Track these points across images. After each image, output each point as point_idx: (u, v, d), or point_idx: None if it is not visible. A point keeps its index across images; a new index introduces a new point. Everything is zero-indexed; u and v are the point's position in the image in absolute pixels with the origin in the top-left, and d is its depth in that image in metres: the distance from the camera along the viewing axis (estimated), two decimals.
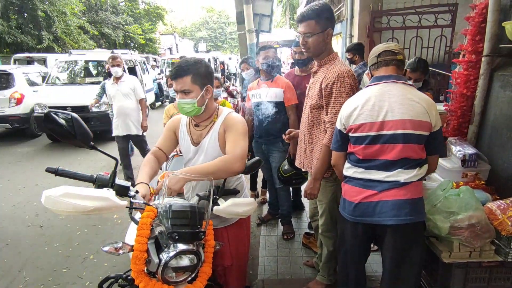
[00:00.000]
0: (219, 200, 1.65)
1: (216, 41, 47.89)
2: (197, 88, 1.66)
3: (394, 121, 1.54)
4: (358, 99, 1.66)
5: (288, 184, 2.89)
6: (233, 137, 1.70)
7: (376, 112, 1.58)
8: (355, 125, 1.63)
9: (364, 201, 1.63)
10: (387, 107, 1.56)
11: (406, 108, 1.54)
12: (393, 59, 1.67)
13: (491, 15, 2.08)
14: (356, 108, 1.63)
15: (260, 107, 3.05)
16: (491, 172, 2.15)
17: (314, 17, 1.88)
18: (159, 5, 26.66)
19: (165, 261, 1.31)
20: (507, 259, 1.72)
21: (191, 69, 1.63)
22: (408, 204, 1.54)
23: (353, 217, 1.68)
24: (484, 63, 2.17)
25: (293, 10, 23.36)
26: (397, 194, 1.56)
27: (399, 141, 1.55)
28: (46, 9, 14.12)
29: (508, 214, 1.69)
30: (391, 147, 1.57)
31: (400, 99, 1.56)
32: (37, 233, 3.57)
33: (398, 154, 1.56)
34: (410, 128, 1.54)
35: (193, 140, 1.81)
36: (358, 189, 1.67)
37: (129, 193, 1.49)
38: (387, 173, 1.58)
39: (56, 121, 1.34)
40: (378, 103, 1.58)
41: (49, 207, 1.26)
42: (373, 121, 1.58)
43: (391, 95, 1.58)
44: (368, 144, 1.61)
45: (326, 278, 2.37)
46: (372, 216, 1.61)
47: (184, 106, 1.67)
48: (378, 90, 1.62)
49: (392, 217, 1.55)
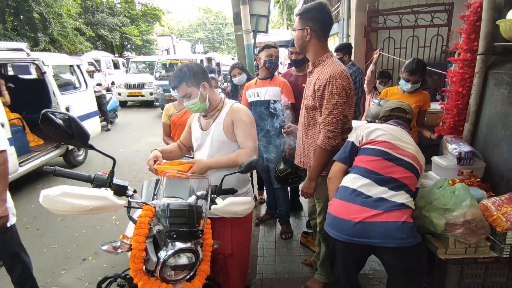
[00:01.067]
0: (216, 199, 1.66)
1: (213, 42, 47.88)
2: (194, 90, 1.87)
3: (411, 153, 1.73)
4: (381, 125, 1.88)
5: (284, 183, 2.89)
6: (242, 130, 1.92)
7: (398, 140, 1.76)
8: (377, 140, 1.75)
9: (366, 221, 1.55)
10: (406, 141, 1.77)
11: (417, 150, 1.78)
12: (403, 117, 1.98)
13: (486, 13, 2.09)
14: (380, 129, 1.81)
15: (257, 106, 3.06)
16: (486, 170, 2.17)
17: (298, 14, 2.01)
18: (156, 6, 26.61)
19: (163, 259, 1.32)
20: (502, 254, 1.73)
21: (182, 76, 1.85)
22: (408, 226, 1.54)
23: (351, 238, 1.58)
24: (479, 61, 2.18)
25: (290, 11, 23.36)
26: (399, 216, 1.55)
27: (410, 170, 1.69)
28: (42, 11, 14.05)
29: (503, 211, 1.71)
30: (403, 171, 1.68)
31: (413, 143, 1.81)
32: (35, 235, 3.56)
33: (406, 178, 1.67)
34: (417, 165, 1.73)
35: (202, 127, 2.03)
36: (359, 207, 1.59)
37: (127, 193, 1.51)
38: (393, 192, 1.61)
39: (53, 121, 1.35)
40: (399, 136, 1.79)
41: (47, 206, 1.27)
42: (395, 144, 1.73)
43: (406, 136, 1.82)
44: (386, 159, 1.70)
45: (324, 276, 2.38)
46: (373, 238, 1.54)
47: (191, 107, 1.92)
48: (398, 128, 1.86)
49: (394, 239, 1.52)
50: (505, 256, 1.74)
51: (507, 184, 2.01)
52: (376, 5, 4.94)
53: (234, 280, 2.07)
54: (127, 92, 12.54)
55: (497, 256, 1.77)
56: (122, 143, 7.40)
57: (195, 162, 1.83)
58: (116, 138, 7.85)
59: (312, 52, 2.03)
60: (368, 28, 4.97)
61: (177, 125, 3.08)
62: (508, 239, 1.71)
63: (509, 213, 1.69)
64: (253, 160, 1.71)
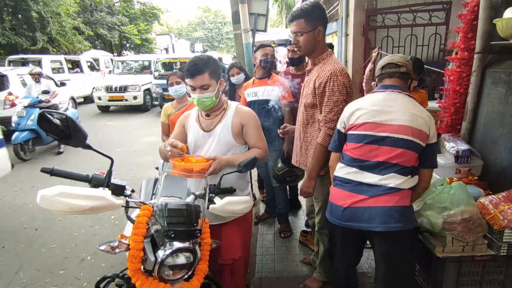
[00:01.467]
0: (215, 199, 1.66)
1: (212, 41, 47.85)
2: (214, 83, 1.79)
3: (398, 125, 1.57)
4: (362, 101, 1.70)
5: (282, 182, 2.90)
6: (254, 132, 1.90)
7: (381, 114, 1.61)
8: (356, 123, 1.65)
9: (353, 206, 1.62)
10: (392, 112, 1.60)
11: (409, 116, 1.58)
12: (396, 72, 1.70)
13: (483, 12, 2.10)
14: (359, 109, 1.66)
15: (256, 105, 3.06)
16: (483, 168, 2.17)
17: (303, 16, 1.90)
18: (154, 5, 26.59)
19: (161, 259, 1.32)
20: (499, 252, 1.74)
21: (207, 65, 1.75)
22: (397, 211, 1.54)
23: (341, 222, 1.67)
24: (476, 60, 2.19)
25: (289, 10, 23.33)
26: (387, 200, 1.55)
27: (399, 146, 1.57)
28: (40, 10, 14.04)
29: (500, 209, 1.72)
30: (389, 150, 1.58)
31: (404, 108, 1.60)
32: (34, 235, 3.56)
33: (394, 157, 1.57)
34: (411, 135, 1.56)
35: (202, 128, 1.91)
36: (348, 193, 1.65)
37: (125, 192, 1.51)
38: (381, 176, 1.58)
39: (51, 121, 1.35)
40: (383, 107, 1.62)
41: (45, 207, 1.27)
42: (376, 122, 1.60)
43: (396, 103, 1.62)
44: (367, 143, 1.62)
45: (323, 275, 2.39)
46: (361, 222, 1.60)
47: (204, 101, 1.79)
48: (384, 96, 1.66)
49: (381, 224, 1.54)
50: (502, 254, 1.75)
51: (504, 182, 2.01)
52: (375, 4, 4.94)
53: (238, 281, 2.08)
54: (107, 96, 10.82)
55: (494, 254, 1.78)
56: (121, 143, 7.40)
57: (215, 158, 1.75)
58: (114, 138, 7.84)
59: (318, 51, 2.00)
60: (366, 26, 4.98)
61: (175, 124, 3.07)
62: (505, 237, 1.72)
63: (506, 211, 1.70)
64: (252, 160, 1.71)
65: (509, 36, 1.87)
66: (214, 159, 1.74)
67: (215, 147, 1.87)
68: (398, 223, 1.53)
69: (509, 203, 1.73)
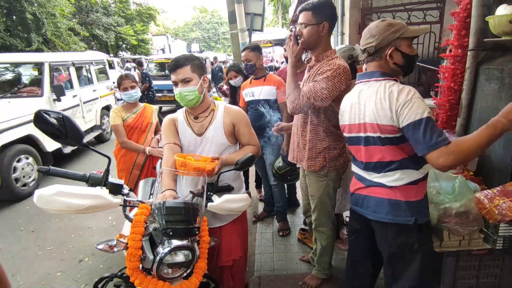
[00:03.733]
0: (213, 197, 1.67)
1: (209, 42, 47.85)
2: (196, 77, 1.77)
3: (362, 123, 1.54)
4: (346, 98, 1.71)
5: (283, 180, 2.92)
6: (246, 130, 1.92)
7: (354, 111, 1.59)
8: (342, 126, 1.73)
9: (356, 192, 1.70)
10: (359, 107, 1.55)
11: (370, 110, 1.48)
12: (366, 57, 1.58)
13: (475, 10, 2.11)
14: (343, 112, 1.70)
15: (253, 105, 3.07)
16: (479, 163, 2.19)
17: (311, 9, 1.94)
18: (150, 6, 26.50)
19: (160, 257, 1.32)
20: (495, 246, 1.77)
21: (189, 60, 1.77)
22: (390, 204, 1.51)
23: (351, 205, 1.77)
24: (469, 57, 2.21)
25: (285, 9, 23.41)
26: (382, 192, 1.55)
27: (372, 143, 1.52)
28: (35, 11, 13.93)
29: (495, 203, 1.73)
30: (365, 150, 1.57)
31: (369, 101, 1.49)
32: (30, 237, 3.54)
33: (366, 156, 1.57)
34: (370, 131, 1.50)
35: (195, 132, 1.88)
36: (355, 180, 1.73)
37: (122, 191, 1.51)
38: (375, 174, 1.57)
39: (47, 121, 1.35)
40: (354, 105, 1.59)
41: (42, 206, 1.27)
42: (351, 124, 1.63)
43: (364, 97, 1.53)
44: (350, 145, 1.70)
45: (322, 272, 2.40)
46: (361, 207, 1.67)
47: (186, 94, 1.76)
48: (356, 91, 1.61)
49: (372, 213, 1.59)
50: (498, 247, 1.77)
51: (499, 177, 2.03)
52: (370, 3, 4.97)
53: (237, 280, 2.09)
54: None
55: (490, 247, 1.80)
56: None
57: (219, 158, 1.75)
58: (111, 138, 7.81)
59: (321, 48, 2.02)
60: (362, 25, 4.99)
61: (134, 129, 2.97)
62: (500, 230, 1.74)
63: (501, 205, 1.71)
64: (250, 157, 1.72)
65: (501, 33, 1.89)
66: (217, 158, 1.75)
67: (208, 150, 1.86)
68: (390, 216, 1.52)
69: (504, 198, 1.74)
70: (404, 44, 1.48)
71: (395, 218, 1.51)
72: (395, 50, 1.48)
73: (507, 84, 1.96)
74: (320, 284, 2.41)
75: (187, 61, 1.75)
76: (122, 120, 2.93)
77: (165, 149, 1.85)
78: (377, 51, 1.50)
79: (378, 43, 1.48)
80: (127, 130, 2.95)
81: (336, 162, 2.12)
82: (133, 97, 2.94)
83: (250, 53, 3.06)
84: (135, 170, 2.98)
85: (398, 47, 1.48)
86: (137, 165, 2.98)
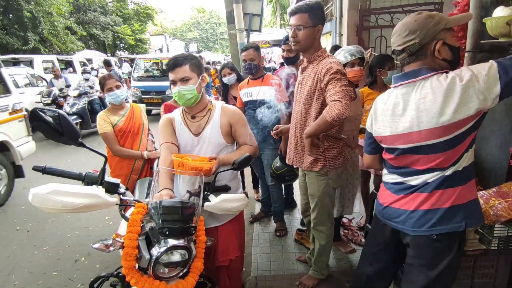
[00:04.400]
0: (209, 196, 1.67)
1: (207, 42, 47.81)
2: (195, 76, 1.77)
3: (413, 133, 1.34)
4: (380, 105, 1.48)
5: (280, 181, 2.92)
6: (243, 131, 1.91)
7: (400, 123, 1.37)
8: (378, 136, 1.50)
9: (391, 206, 1.49)
10: (410, 116, 1.34)
11: (431, 113, 1.28)
12: (404, 58, 1.39)
13: (473, 11, 2.12)
14: (377, 117, 1.48)
15: (251, 105, 3.07)
16: (475, 164, 2.18)
17: (308, 11, 1.93)
18: (148, 5, 26.48)
19: (156, 256, 1.32)
20: (490, 247, 1.77)
21: (187, 59, 1.77)
22: (437, 213, 1.35)
23: (382, 218, 1.56)
24: (466, 58, 2.21)
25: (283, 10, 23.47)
26: (427, 202, 1.37)
27: (419, 153, 1.36)
28: (32, 9, 13.88)
29: (491, 204, 1.74)
30: (410, 157, 1.40)
31: (419, 105, 1.31)
32: (26, 237, 3.52)
33: (422, 164, 1.37)
34: (430, 138, 1.31)
35: (192, 132, 1.87)
36: (389, 193, 1.52)
37: (118, 190, 1.50)
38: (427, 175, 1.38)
39: (43, 119, 1.35)
40: (399, 112, 1.37)
41: (37, 205, 1.26)
42: (394, 134, 1.40)
43: (414, 101, 1.33)
44: (398, 155, 1.44)
45: (319, 272, 2.40)
46: (397, 222, 1.47)
47: (185, 93, 1.75)
48: (397, 96, 1.39)
49: (415, 228, 1.39)
50: (493, 248, 1.78)
51: (495, 178, 2.04)
52: (368, 4, 4.99)
53: (234, 280, 2.08)
54: None
55: (485, 248, 1.81)
56: None
57: (216, 158, 1.74)
58: None
59: (314, 49, 2.04)
60: (360, 27, 5.02)
61: (127, 133, 2.77)
62: (496, 231, 1.75)
63: (496, 206, 1.72)
64: (247, 157, 1.72)
65: (498, 35, 1.89)
66: (215, 158, 1.74)
67: (206, 150, 1.85)
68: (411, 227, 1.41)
69: (500, 198, 1.75)
70: (449, 36, 1.34)
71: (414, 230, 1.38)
72: (443, 44, 1.32)
73: None
74: (317, 284, 2.40)
75: (186, 60, 1.75)
76: (112, 125, 2.72)
77: (162, 148, 1.84)
78: (420, 48, 1.33)
79: (422, 38, 1.30)
80: (120, 135, 2.75)
81: (336, 161, 2.13)
82: (119, 97, 2.73)
83: (254, 52, 3.06)
84: (134, 175, 2.82)
85: (444, 39, 1.31)
86: (135, 170, 2.82)
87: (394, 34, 1.40)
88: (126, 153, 2.74)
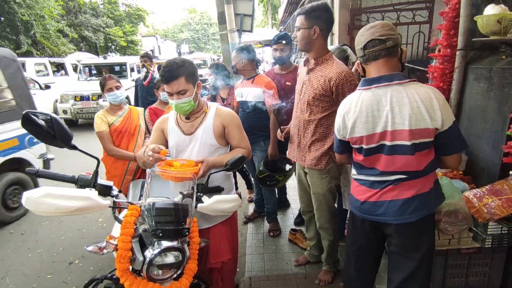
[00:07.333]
0: (203, 198, 1.66)
1: (199, 42, 47.67)
2: (191, 87, 1.74)
3: (385, 132, 1.42)
4: (350, 108, 1.51)
5: (263, 184, 2.95)
6: (236, 133, 1.89)
7: (374, 123, 1.44)
8: (352, 138, 1.53)
9: (369, 200, 1.55)
10: (385, 116, 1.41)
11: (404, 116, 1.37)
12: (382, 49, 1.42)
13: (464, 9, 2.14)
14: (348, 120, 1.51)
15: (242, 106, 3.06)
16: (468, 162, 2.22)
17: (303, 13, 2.03)
18: (139, 7, 26.34)
19: (149, 258, 1.31)
20: (484, 245, 1.79)
21: (182, 70, 1.70)
22: (414, 200, 1.45)
23: (360, 213, 1.60)
24: (458, 56, 2.24)
25: (274, 10, 23.47)
26: (401, 193, 1.46)
27: (384, 152, 1.46)
28: (24, 13, 13.72)
29: (484, 202, 1.76)
30: (376, 157, 1.49)
31: (399, 106, 1.38)
32: (20, 240, 3.47)
33: (386, 165, 1.47)
34: (401, 139, 1.40)
35: (183, 131, 1.86)
36: (364, 188, 1.57)
37: (111, 193, 1.49)
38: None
39: (35, 122, 1.33)
40: (372, 112, 1.43)
41: (30, 208, 1.25)
42: (369, 134, 1.46)
43: (386, 102, 1.41)
44: (369, 155, 1.50)
45: (333, 265, 2.48)
46: (378, 215, 1.53)
47: (182, 106, 1.75)
48: (370, 98, 1.45)
49: (397, 217, 1.47)
50: (487, 246, 1.80)
51: (488, 176, 2.06)
52: (359, 3, 5.01)
53: (227, 281, 2.07)
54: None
55: (479, 246, 1.82)
56: None
57: (203, 161, 1.73)
58: None
59: (316, 50, 2.09)
60: (351, 26, 5.03)
61: (123, 133, 2.82)
62: (489, 229, 1.76)
63: (489, 204, 1.74)
64: (240, 158, 1.70)
65: (489, 33, 1.91)
66: (202, 161, 1.73)
67: (198, 150, 1.83)
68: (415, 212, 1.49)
69: (493, 196, 1.77)
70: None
71: (420, 213, 1.46)
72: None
73: (495, 84, 1.99)
74: (333, 277, 2.47)
75: (181, 72, 1.68)
76: (109, 124, 2.77)
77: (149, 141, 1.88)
78: (395, 46, 1.43)
79: (397, 39, 1.44)
80: (115, 134, 2.80)
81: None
82: (119, 98, 2.80)
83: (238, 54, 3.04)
84: (128, 176, 2.84)
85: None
86: (130, 171, 2.84)
87: (373, 27, 1.46)
88: (119, 153, 2.77)
